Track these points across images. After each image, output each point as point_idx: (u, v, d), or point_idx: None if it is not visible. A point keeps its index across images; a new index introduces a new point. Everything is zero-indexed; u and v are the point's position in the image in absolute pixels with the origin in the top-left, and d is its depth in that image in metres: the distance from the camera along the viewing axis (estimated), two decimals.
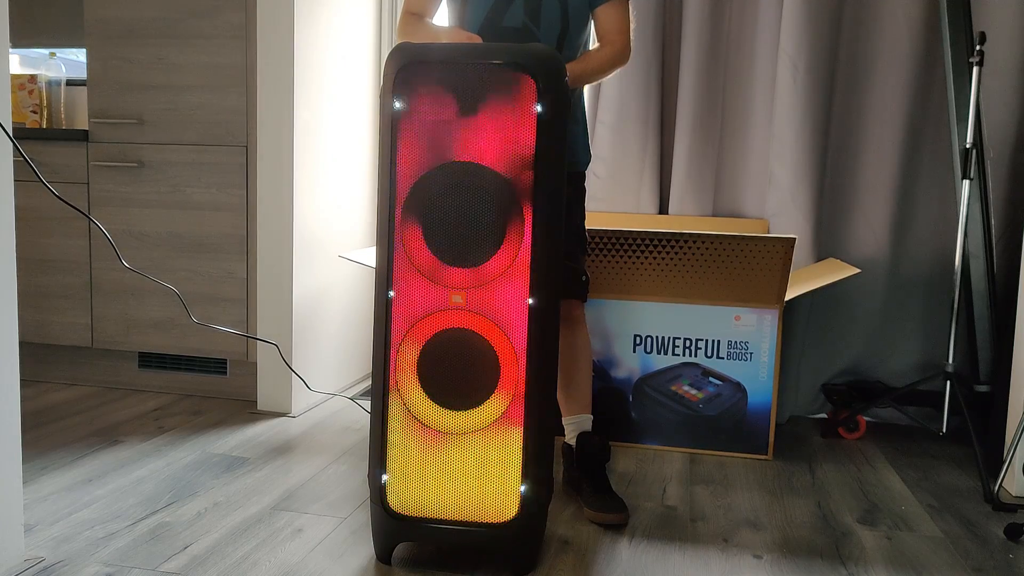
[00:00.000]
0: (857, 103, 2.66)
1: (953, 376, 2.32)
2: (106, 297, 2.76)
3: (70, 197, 2.74)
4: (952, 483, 2.19)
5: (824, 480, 2.18)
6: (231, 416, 2.55)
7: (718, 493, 2.06)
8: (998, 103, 2.54)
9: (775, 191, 2.64)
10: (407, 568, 1.59)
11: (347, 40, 2.82)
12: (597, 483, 1.91)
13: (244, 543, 1.68)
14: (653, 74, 2.74)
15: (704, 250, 2.24)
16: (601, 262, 2.32)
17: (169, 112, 2.66)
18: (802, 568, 1.66)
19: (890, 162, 2.62)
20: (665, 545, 1.74)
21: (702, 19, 2.66)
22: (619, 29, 1.93)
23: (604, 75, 1.96)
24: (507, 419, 1.55)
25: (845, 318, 2.70)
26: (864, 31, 2.63)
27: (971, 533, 1.86)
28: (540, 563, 1.63)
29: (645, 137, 2.76)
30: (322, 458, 2.20)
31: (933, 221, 2.65)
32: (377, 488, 1.59)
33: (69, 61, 3.25)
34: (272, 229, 2.54)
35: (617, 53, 1.93)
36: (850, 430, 2.55)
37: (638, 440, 2.39)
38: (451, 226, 1.55)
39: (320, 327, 2.74)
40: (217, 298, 2.67)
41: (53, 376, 2.90)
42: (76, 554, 1.60)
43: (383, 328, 1.58)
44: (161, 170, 2.68)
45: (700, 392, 2.35)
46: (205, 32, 2.61)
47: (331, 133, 2.74)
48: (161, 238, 2.70)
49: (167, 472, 2.06)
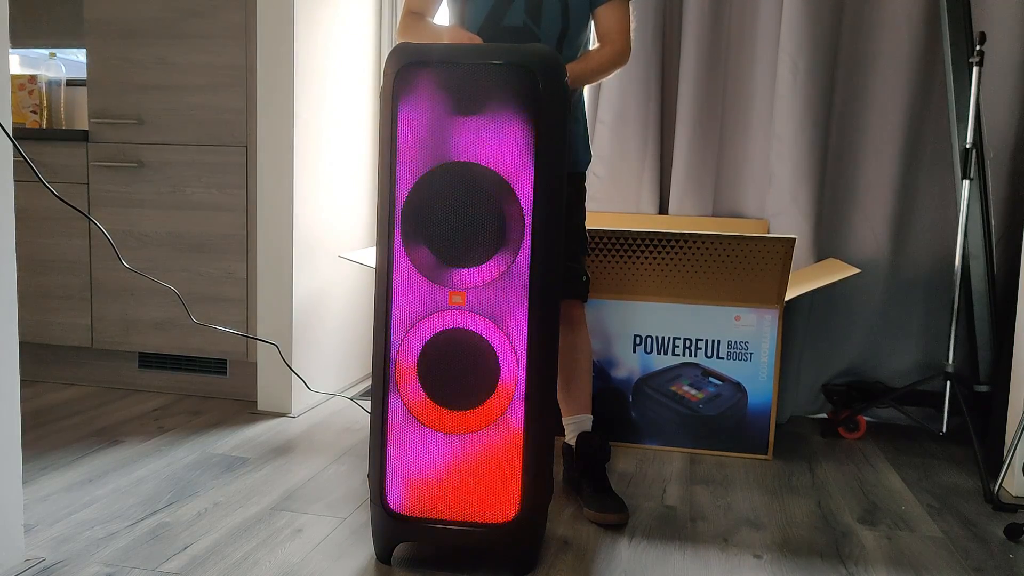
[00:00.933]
0: (857, 103, 2.66)
1: (953, 376, 2.33)
2: (106, 297, 2.76)
3: (70, 197, 2.74)
4: (952, 483, 2.19)
5: (824, 480, 2.18)
6: (231, 416, 2.55)
7: (718, 493, 2.06)
8: (998, 103, 2.54)
9: (775, 191, 2.64)
10: (407, 568, 1.59)
11: (347, 40, 2.82)
12: (597, 483, 1.92)
13: (244, 543, 1.68)
14: (653, 74, 2.74)
15: (704, 250, 2.24)
16: (601, 262, 2.32)
17: (169, 112, 2.66)
18: (802, 568, 1.66)
19: (890, 162, 2.62)
20: (665, 545, 1.74)
21: (702, 19, 2.67)
22: (619, 29, 1.93)
23: (604, 75, 1.96)
24: (507, 419, 1.55)
25: (845, 318, 2.70)
26: (864, 31, 2.63)
27: (971, 533, 1.86)
28: (540, 563, 1.63)
29: (645, 137, 2.76)
30: (322, 458, 2.20)
31: (933, 221, 2.65)
32: (377, 488, 1.59)
33: (69, 61, 3.25)
34: (272, 229, 2.54)
35: (617, 53, 1.93)
36: (850, 430, 2.55)
37: (638, 440, 2.39)
38: (451, 226, 1.55)
39: (320, 327, 2.74)
40: (217, 298, 2.67)
41: (53, 376, 2.90)
42: (76, 554, 1.60)
43: (383, 328, 1.58)
44: (161, 170, 2.68)
45: (700, 392, 2.35)
46: (205, 32, 2.61)
47: (331, 133, 2.74)
48: (161, 238, 2.70)
49: (167, 472, 2.06)
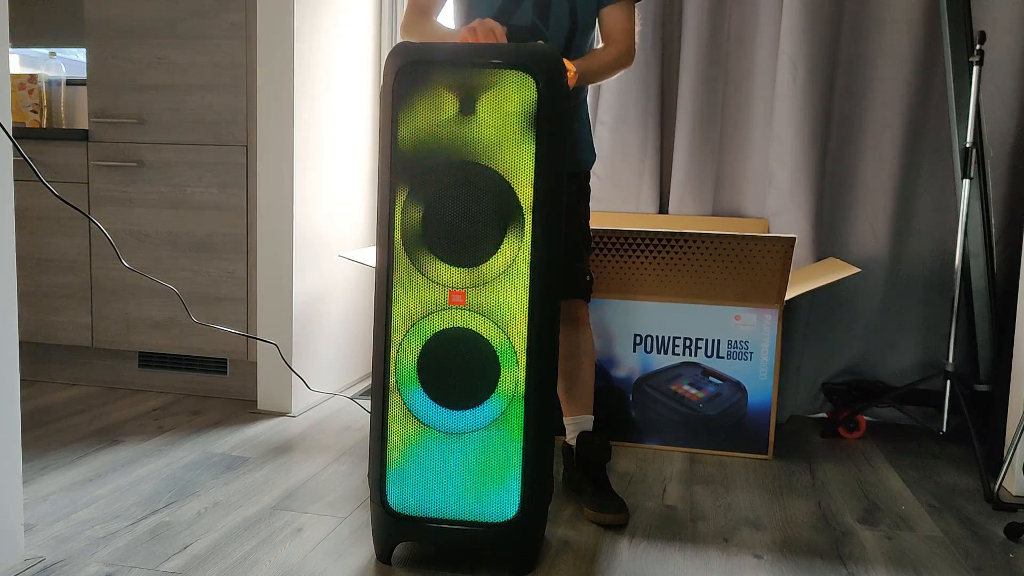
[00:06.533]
0: (857, 103, 2.66)
1: (953, 375, 2.33)
2: (106, 297, 2.76)
3: (70, 197, 2.74)
4: (952, 483, 2.19)
5: (824, 480, 2.18)
6: (231, 416, 2.55)
7: (718, 493, 2.06)
8: (998, 103, 2.54)
9: (775, 191, 2.64)
10: (407, 568, 1.59)
11: (347, 39, 2.82)
12: (597, 483, 1.91)
13: (244, 543, 1.68)
14: (653, 74, 2.74)
15: (704, 250, 2.24)
16: (601, 262, 2.32)
17: (169, 112, 2.66)
18: (802, 568, 1.66)
19: (890, 161, 2.62)
20: (665, 545, 1.74)
21: (702, 19, 2.67)
22: (625, 30, 1.92)
23: (609, 75, 1.94)
24: (507, 419, 1.55)
25: (845, 318, 2.70)
26: (864, 31, 2.63)
27: (971, 533, 1.86)
28: (540, 563, 1.63)
29: (645, 137, 2.76)
30: (322, 458, 2.20)
31: (933, 220, 2.65)
32: (377, 488, 1.59)
33: (69, 61, 3.25)
34: (272, 229, 2.54)
35: (623, 53, 1.92)
36: (850, 430, 2.55)
37: (638, 440, 2.39)
38: (451, 226, 1.55)
39: (320, 327, 2.74)
40: (217, 298, 2.67)
41: (53, 376, 2.90)
42: (76, 554, 1.60)
43: (383, 328, 1.58)
44: (161, 170, 2.68)
45: (700, 392, 2.35)
46: (205, 32, 2.61)
47: (331, 132, 2.74)
48: (161, 238, 2.70)
49: (167, 472, 2.06)
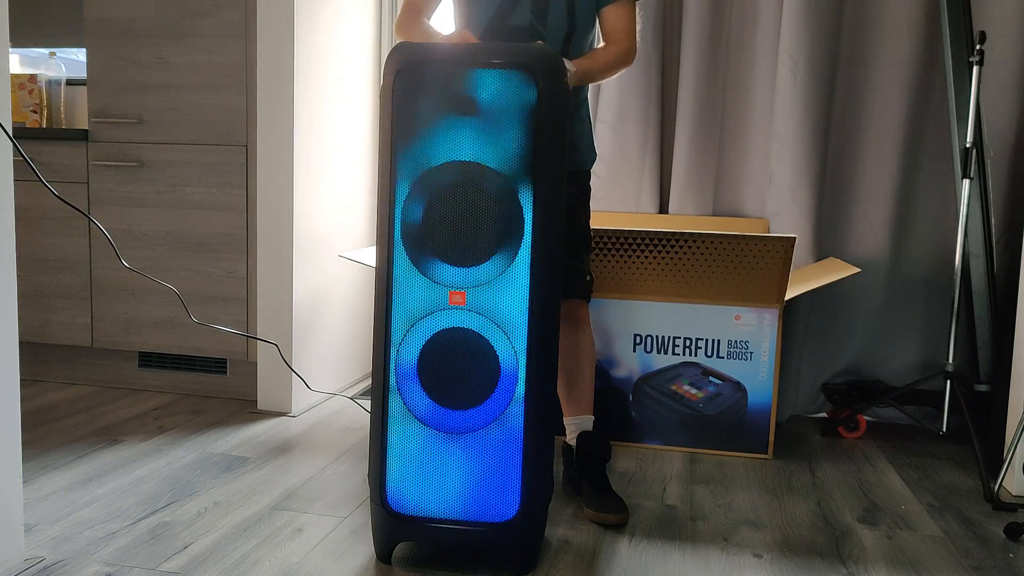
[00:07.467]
0: (857, 102, 2.66)
1: (953, 375, 2.33)
2: (106, 297, 2.76)
3: (70, 197, 2.74)
4: (952, 482, 2.19)
5: (824, 479, 2.18)
6: (231, 416, 2.55)
7: (718, 492, 2.06)
8: (998, 103, 2.54)
9: (775, 191, 2.64)
10: (407, 568, 1.59)
11: (347, 39, 2.82)
12: (597, 483, 1.91)
13: (244, 542, 1.68)
14: (653, 74, 2.73)
15: (704, 250, 2.24)
16: (601, 262, 2.32)
17: (169, 112, 2.66)
18: (802, 567, 1.66)
19: (890, 161, 2.62)
20: (665, 545, 1.74)
21: (702, 19, 2.66)
22: (625, 29, 1.91)
23: (610, 74, 1.93)
24: (507, 419, 1.55)
25: (845, 318, 2.70)
26: (864, 31, 2.63)
27: (971, 532, 1.86)
28: (540, 563, 1.63)
29: (645, 137, 2.76)
30: (322, 458, 2.20)
31: (933, 221, 2.65)
32: (377, 488, 1.59)
33: (69, 61, 3.25)
34: (272, 229, 2.54)
35: (623, 52, 1.91)
36: (850, 429, 2.55)
37: (638, 440, 2.39)
38: (451, 226, 1.55)
39: (320, 327, 2.74)
40: (217, 298, 2.67)
41: (53, 376, 2.90)
42: (76, 554, 1.60)
43: (383, 328, 1.58)
44: (161, 170, 2.68)
45: (700, 391, 2.35)
46: (205, 31, 2.61)
47: (331, 132, 2.74)
48: (161, 238, 2.70)
49: (167, 472, 2.06)
